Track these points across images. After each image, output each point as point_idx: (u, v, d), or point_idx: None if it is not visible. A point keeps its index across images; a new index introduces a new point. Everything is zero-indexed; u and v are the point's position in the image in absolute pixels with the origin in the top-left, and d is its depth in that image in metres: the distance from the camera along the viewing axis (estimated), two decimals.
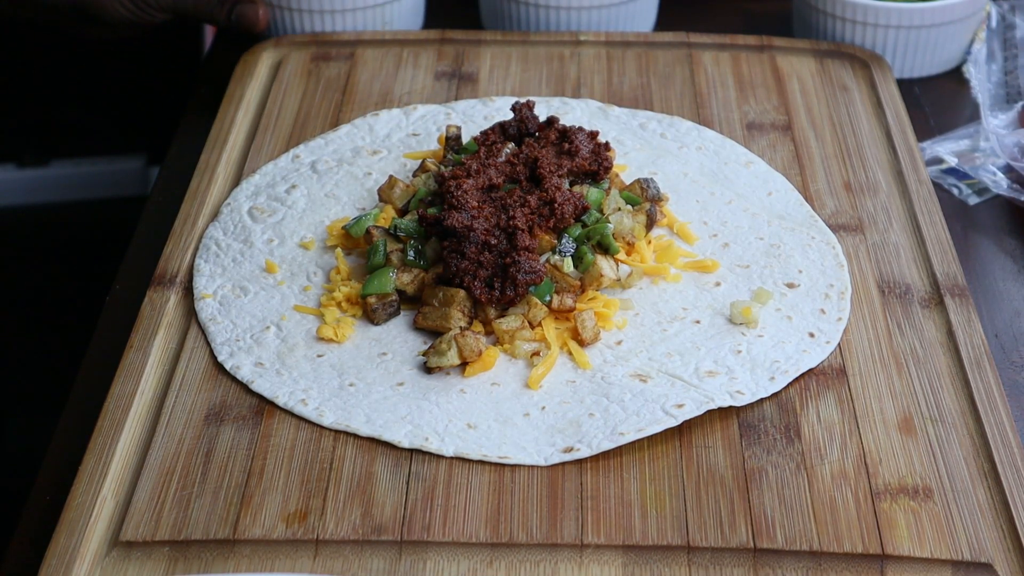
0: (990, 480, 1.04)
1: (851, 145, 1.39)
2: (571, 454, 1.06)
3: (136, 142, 2.52)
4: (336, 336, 1.16)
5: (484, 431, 1.08)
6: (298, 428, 1.09)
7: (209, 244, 1.26)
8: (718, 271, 1.23)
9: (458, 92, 1.48)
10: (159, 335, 1.17)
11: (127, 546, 1.00)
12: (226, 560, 0.99)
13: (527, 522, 1.01)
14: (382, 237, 1.21)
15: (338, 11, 1.58)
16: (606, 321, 1.17)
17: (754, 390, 1.11)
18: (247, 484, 1.04)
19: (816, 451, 1.07)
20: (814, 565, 0.98)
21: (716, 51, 1.54)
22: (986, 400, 1.11)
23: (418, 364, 1.14)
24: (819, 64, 1.51)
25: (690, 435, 1.08)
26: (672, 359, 1.14)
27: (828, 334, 1.17)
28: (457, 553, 0.99)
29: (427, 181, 1.28)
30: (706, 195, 1.32)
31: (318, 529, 1.01)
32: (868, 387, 1.12)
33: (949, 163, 1.43)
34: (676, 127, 1.41)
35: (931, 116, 1.51)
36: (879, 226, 1.29)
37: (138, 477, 1.05)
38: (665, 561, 0.99)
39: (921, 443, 1.07)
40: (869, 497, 1.03)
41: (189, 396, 1.12)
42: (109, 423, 1.09)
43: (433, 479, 1.04)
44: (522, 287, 1.14)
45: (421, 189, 1.26)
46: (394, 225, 1.22)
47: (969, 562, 0.98)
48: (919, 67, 1.57)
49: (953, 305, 1.19)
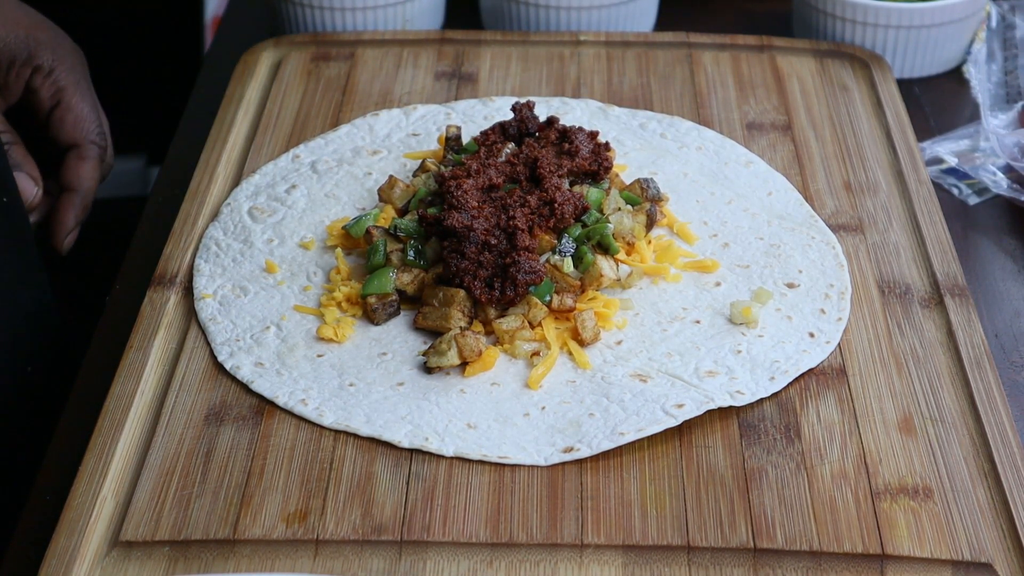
0: (990, 480, 1.04)
1: (851, 145, 1.39)
2: (571, 454, 1.06)
3: (136, 142, 2.52)
4: (336, 336, 1.16)
5: (484, 431, 1.08)
6: (298, 428, 1.09)
7: (209, 244, 1.26)
8: (718, 271, 1.23)
9: (458, 92, 1.48)
10: (159, 335, 1.17)
11: (127, 546, 1.00)
12: (226, 560, 0.99)
13: (527, 522, 1.01)
14: (382, 237, 1.21)
15: (359, 8, 1.58)
16: (606, 321, 1.17)
17: (754, 390, 1.11)
18: (247, 484, 1.04)
19: (816, 451, 1.07)
20: (814, 565, 0.98)
21: (716, 51, 1.54)
22: (986, 400, 1.11)
23: (418, 364, 1.14)
24: (819, 64, 1.51)
25: (690, 435, 1.08)
26: (672, 359, 1.14)
27: (828, 334, 1.17)
28: (457, 553, 0.99)
29: (427, 181, 1.28)
30: (706, 195, 1.32)
31: (318, 529, 1.01)
32: (868, 387, 1.12)
33: (949, 163, 1.43)
34: (676, 127, 1.41)
35: (931, 116, 1.51)
36: (879, 226, 1.29)
37: (138, 477, 1.05)
38: (665, 561, 0.99)
39: (921, 443, 1.07)
40: (869, 497, 1.03)
41: (189, 396, 1.12)
42: (109, 423, 1.09)
43: (433, 479, 1.04)
44: (522, 287, 1.14)
45: (421, 189, 1.26)
46: (394, 225, 1.22)
47: (969, 562, 0.98)
48: (919, 67, 1.57)
49: (953, 305, 1.20)
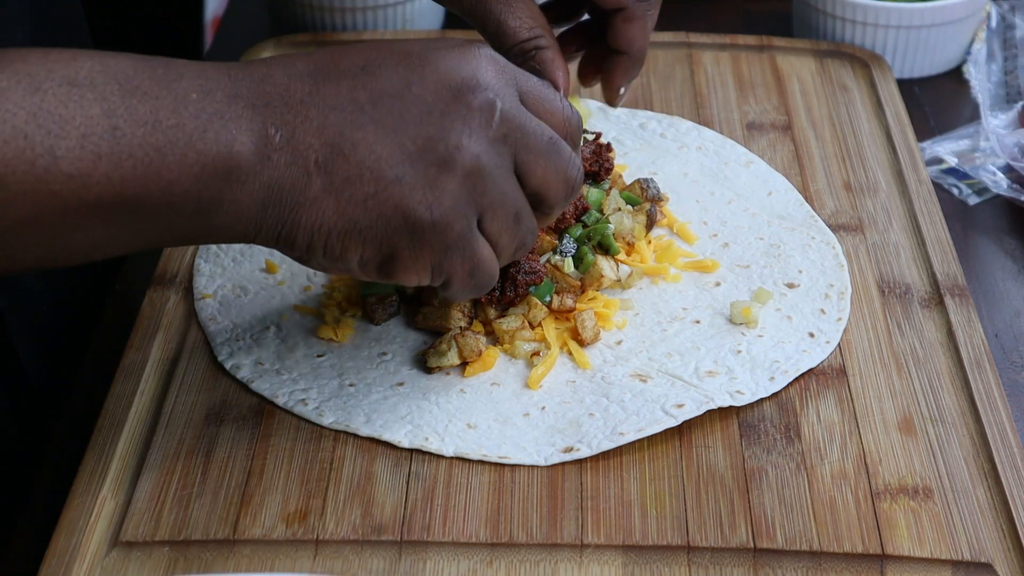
0: (990, 480, 1.04)
1: (851, 145, 1.39)
2: (571, 454, 1.06)
3: None
4: (336, 336, 1.16)
5: (484, 431, 1.08)
6: (298, 428, 1.09)
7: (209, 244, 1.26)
8: (718, 271, 1.23)
9: None
10: (159, 335, 1.17)
11: (127, 546, 1.00)
12: (226, 560, 0.99)
13: (527, 522, 1.01)
14: None
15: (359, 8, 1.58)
16: (606, 321, 1.17)
17: (754, 390, 1.11)
18: (247, 484, 1.04)
19: (816, 451, 1.07)
20: (814, 565, 0.98)
21: (716, 51, 1.54)
22: (986, 400, 1.11)
23: (418, 364, 1.14)
24: (819, 64, 1.51)
25: (690, 435, 1.08)
26: (672, 359, 1.14)
27: (828, 334, 1.17)
28: (457, 553, 0.99)
29: None
30: (706, 195, 1.32)
31: (318, 529, 1.01)
32: (868, 387, 1.12)
33: (949, 163, 1.43)
34: (676, 127, 1.41)
35: (931, 116, 1.51)
36: (879, 226, 1.29)
37: (138, 477, 1.05)
38: (665, 561, 0.99)
39: (921, 443, 1.07)
40: (869, 497, 1.03)
41: (189, 396, 1.12)
42: (109, 423, 1.09)
43: (433, 479, 1.04)
44: (522, 288, 1.14)
45: None
46: None
47: (969, 562, 0.98)
48: (919, 67, 1.57)
49: (953, 305, 1.19)
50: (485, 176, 0.93)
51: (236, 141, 0.88)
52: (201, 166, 0.87)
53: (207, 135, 0.87)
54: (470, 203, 0.93)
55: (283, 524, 1.01)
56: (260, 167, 0.89)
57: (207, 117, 0.88)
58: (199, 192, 0.88)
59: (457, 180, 0.92)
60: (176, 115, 0.87)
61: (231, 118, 0.89)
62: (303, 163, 0.90)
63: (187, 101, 0.88)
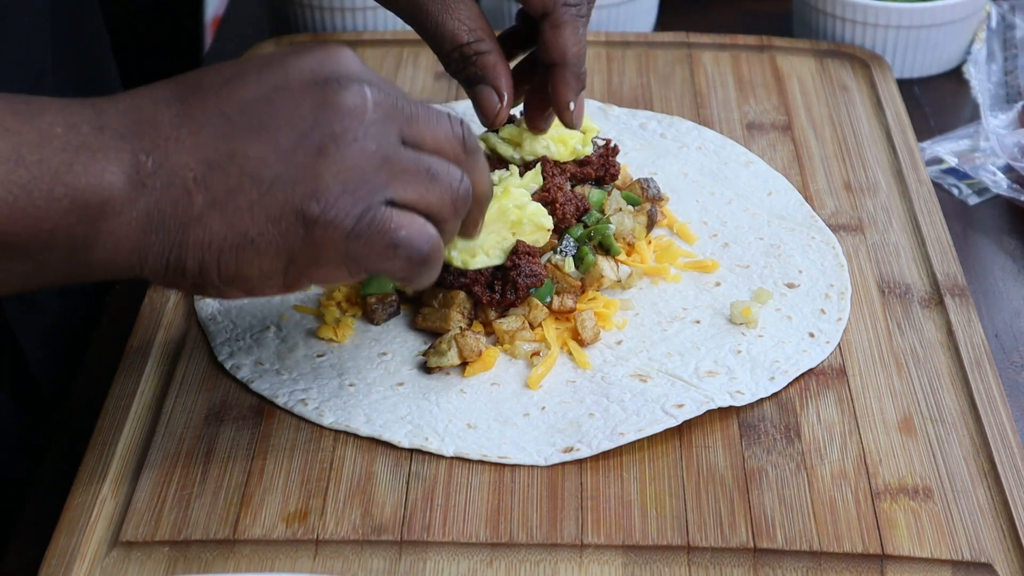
0: (990, 480, 1.04)
1: (851, 145, 1.39)
2: (571, 454, 1.06)
3: None
4: (336, 336, 1.16)
5: (484, 431, 1.08)
6: (298, 428, 1.09)
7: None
8: (718, 271, 1.23)
9: (458, 92, 1.48)
10: (159, 335, 1.17)
11: (127, 546, 1.00)
12: (226, 560, 0.99)
13: (527, 522, 1.01)
14: None
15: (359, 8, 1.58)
16: (606, 321, 1.17)
17: (754, 390, 1.11)
18: (247, 484, 1.04)
19: (816, 451, 1.07)
20: (814, 565, 0.98)
21: (716, 51, 1.54)
22: (986, 400, 1.11)
23: (418, 364, 1.14)
24: (819, 64, 1.51)
25: (690, 435, 1.08)
26: (672, 359, 1.14)
27: (828, 334, 1.17)
28: (457, 553, 0.99)
29: None
30: (706, 195, 1.32)
31: (318, 529, 1.01)
32: (868, 387, 1.12)
33: (949, 163, 1.43)
34: (676, 127, 1.41)
35: (931, 116, 1.51)
36: (879, 226, 1.29)
37: (138, 477, 1.05)
38: (665, 561, 0.99)
39: (921, 443, 1.07)
40: (869, 497, 1.03)
41: (189, 396, 1.12)
42: (109, 423, 1.09)
43: (433, 479, 1.04)
44: (523, 290, 1.14)
45: None
46: None
47: (969, 562, 0.98)
48: (919, 67, 1.57)
49: (953, 305, 1.19)
50: (373, 154, 0.89)
51: (106, 172, 0.84)
52: (70, 200, 0.84)
53: (74, 168, 0.84)
54: (364, 183, 0.89)
55: (283, 524, 1.01)
56: (135, 195, 0.86)
57: (73, 150, 0.84)
58: (70, 228, 0.85)
59: (341, 165, 0.88)
60: (40, 150, 0.83)
61: (99, 149, 0.85)
62: (181, 183, 0.87)
63: (51, 136, 0.84)
